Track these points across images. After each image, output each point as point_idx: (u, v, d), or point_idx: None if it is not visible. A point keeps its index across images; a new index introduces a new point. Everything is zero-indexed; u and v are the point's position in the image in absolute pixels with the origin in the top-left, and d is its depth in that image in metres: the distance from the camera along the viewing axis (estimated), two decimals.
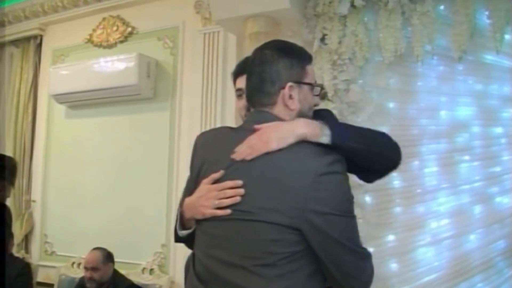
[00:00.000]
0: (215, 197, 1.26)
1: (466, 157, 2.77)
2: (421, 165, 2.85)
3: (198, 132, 3.36)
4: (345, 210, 1.24)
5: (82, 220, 3.93)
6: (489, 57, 2.69)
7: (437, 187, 2.81)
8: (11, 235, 3.52)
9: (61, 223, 4.07)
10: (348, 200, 1.26)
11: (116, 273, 3.18)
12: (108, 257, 3.16)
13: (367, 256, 1.29)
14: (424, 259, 2.79)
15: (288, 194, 1.20)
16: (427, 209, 2.82)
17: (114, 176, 3.86)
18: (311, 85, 1.37)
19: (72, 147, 4.12)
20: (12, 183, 2.38)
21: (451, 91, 2.80)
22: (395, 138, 2.87)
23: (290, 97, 1.32)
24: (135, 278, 3.51)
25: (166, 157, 3.62)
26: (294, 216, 1.20)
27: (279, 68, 1.33)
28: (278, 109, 1.33)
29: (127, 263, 3.57)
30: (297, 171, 1.22)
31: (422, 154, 2.85)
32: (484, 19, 2.65)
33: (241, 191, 1.24)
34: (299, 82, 1.34)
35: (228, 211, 1.24)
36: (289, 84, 1.32)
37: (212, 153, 1.38)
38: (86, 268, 3.08)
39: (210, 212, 1.27)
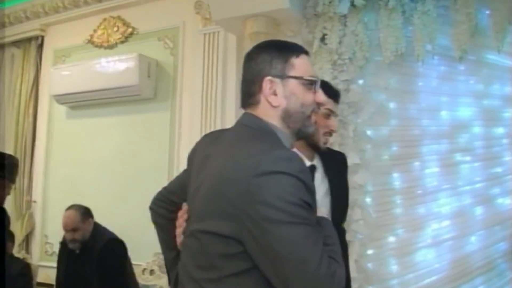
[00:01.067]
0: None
1: (467, 158, 2.75)
2: (422, 166, 2.83)
3: (198, 132, 3.37)
4: (288, 215, 1.03)
5: None
6: (491, 57, 2.67)
7: (438, 188, 2.79)
8: (11, 237, 3.53)
9: (61, 224, 4.05)
10: (293, 204, 1.04)
11: (95, 227, 3.12)
12: (86, 213, 3.11)
13: (324, 277, 1.03)
14: (424, 261, 2.77)
15: (228, 198, 1.09)
16: (427, 210, 2.80)
17: (114, 176, 3.85)
18: (300, 79, 1.24)
19: (73, 148, 4.12)
20: (12, 180, 2.37)
21: (452, 91, 2.78)
22: (395, 138, 2.89)
23: (274, 93, 1.23)
24: None
25: (167, 157, 3.61)
26: (234, 225, 1.07)
27: (258, 64, 1.24)
28: (262, 108, 1.24)
29: None
30: (238, 170, 1.09)
31: (422, 154, 2.83)
32: (485, 18, 2.63)
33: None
34: (282, 76, 1.23)
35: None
36: (267, 78, 1.22)
37: (194, 156, 1.36)
38: (66, 230, 3.04)
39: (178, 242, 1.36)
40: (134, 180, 3.74)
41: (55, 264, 3.92)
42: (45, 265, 4.01)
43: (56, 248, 4.03)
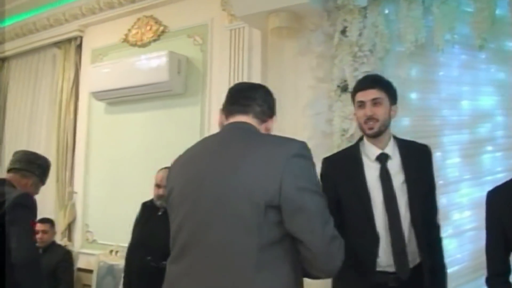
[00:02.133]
0: None
1: (489, 148, 2.72)
2: (443, 156, 2.81)
3: None
4: (317, 187, 1.45)
5: (120, 210, 4.10)
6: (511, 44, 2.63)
7: (460, 179, 2.78)
8: (52, 224, 3.77)
9: (101, 213, 4.28)
10: (317, 181, 1.48)
11: None
12: None
13: (338, 236, 1.44)
14: (446, 251, 2.74)
15: (267, 174, 1.38)
16: (449, 200, 2.78)
17: (148, 168, 4.00)
18: None
19: (111, 141, 4.32)
20: (43, 182, 2.55)
21: (473, 80, 2.75)
22: (416, 129, 2.89)
23: (269, 129, 1.67)
24: None
25: None
26: (274, 194, 1.36)
27: (272, 102, 1.70)
28: (263, 128, 1.63)
29: None
30: (273, 153, 1.41)
31: (444, 145, 2.82)
32: (505, 5, 2.58)
33: None
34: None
35: None
36: (275, 116, 1.70)
37: (182, 171, 1.59)
38: (158, 186, 3.19)
39: None
40: None
41: (95, 251, 4.16)
42: (86, 252, 4.23)
43: (96, 236, 4.28)
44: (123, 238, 3.98)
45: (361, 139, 2.21)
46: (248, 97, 1.61)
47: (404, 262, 1.96)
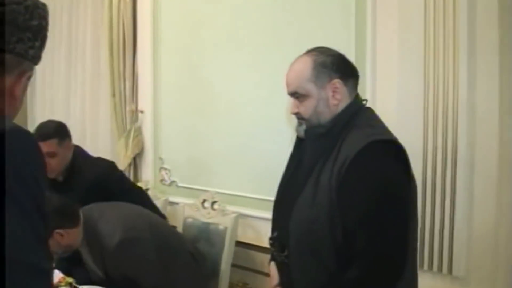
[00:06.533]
0: None
1: None
2: None
3: None
4: None
5: (210, 137, 2.79)
6: None
7: None
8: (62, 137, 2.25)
9: (181, 143, 2.96)
10: None
11: None
12: None
13: None
14: None
15: None
16: None
17: (254, 73, 2.59)
18: None
19: (192, 34, 2.90)
20: None
21: None
22: None
23: None
24: None
25: (352, 33, 2.21)
26: None
27: None
28: None
29: (267, 201, 2.36)
30: None
31: None
32: None
33: None
34: None
35: None
36: None
37: None
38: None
39: None
40: (282, 79, 2.44)
41: (175, 199, 2.94)
42: (161, 198, 2.91)
43: (176, 176, 3.05)
44: (215, 180, 2.73)
45: None
46: None
47: None
